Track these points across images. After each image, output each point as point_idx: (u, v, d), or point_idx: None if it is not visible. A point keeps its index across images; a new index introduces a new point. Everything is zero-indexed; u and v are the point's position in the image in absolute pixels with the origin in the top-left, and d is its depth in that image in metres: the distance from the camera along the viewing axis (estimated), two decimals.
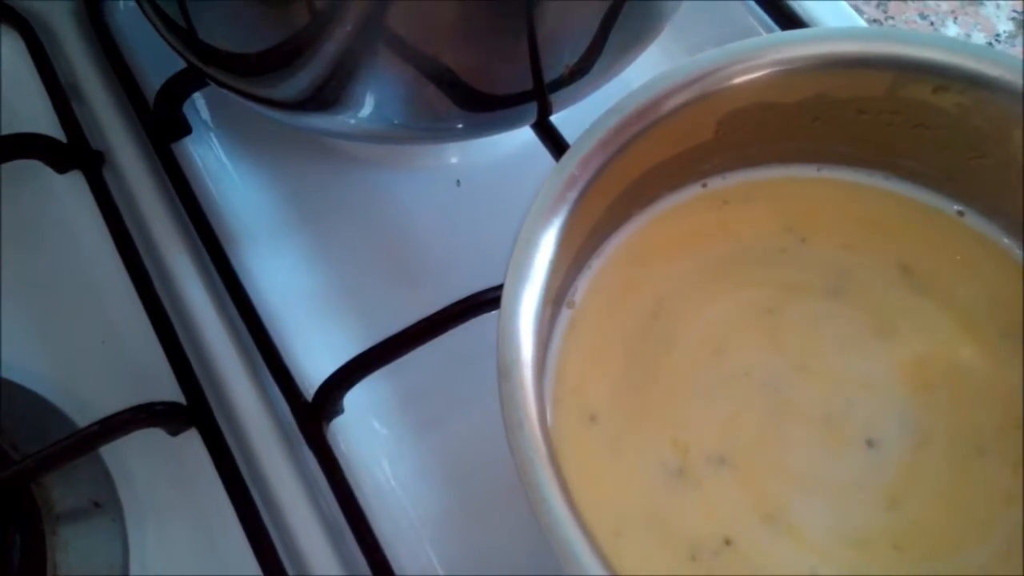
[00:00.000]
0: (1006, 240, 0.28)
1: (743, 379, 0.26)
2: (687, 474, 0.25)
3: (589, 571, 0.20)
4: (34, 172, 0.39)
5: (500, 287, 0.30)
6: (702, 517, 0.24)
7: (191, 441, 0.33)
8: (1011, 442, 0.25)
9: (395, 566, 0.30)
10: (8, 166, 0.38)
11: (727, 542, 0.24)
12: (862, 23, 0.41)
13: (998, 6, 0.44)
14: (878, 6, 0.44)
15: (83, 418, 0.33)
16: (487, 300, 0.32)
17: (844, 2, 0.41)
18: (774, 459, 0.25)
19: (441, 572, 0.32)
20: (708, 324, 0.27)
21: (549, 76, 0.31)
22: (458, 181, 0.39)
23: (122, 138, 0.39)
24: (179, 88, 0.38)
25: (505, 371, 0.21)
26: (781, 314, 0.28)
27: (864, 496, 0.25)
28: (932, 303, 0.28)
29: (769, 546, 0.24)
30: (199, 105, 0.41)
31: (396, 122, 0.32)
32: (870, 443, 0.25)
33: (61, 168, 0.39)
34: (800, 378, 0.26)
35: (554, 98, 0.32)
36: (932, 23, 0.44)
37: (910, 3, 0.44)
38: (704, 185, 0.29)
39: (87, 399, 0.34)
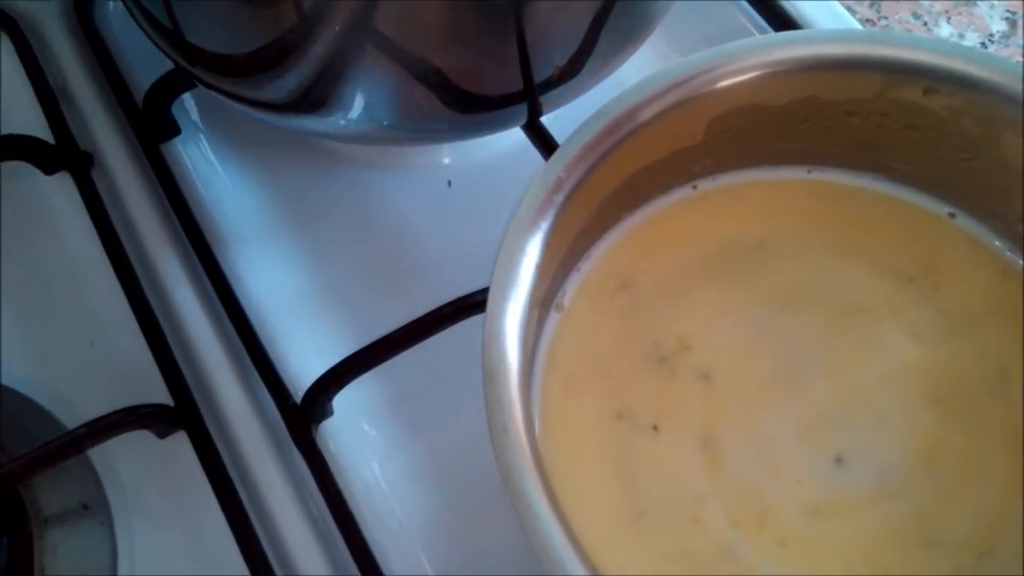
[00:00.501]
0: (997, 242, 0.28)
1: (731, 380, 0.26)
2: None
3: (573, 574, 0.20)
4: (22, 174, 0.38)
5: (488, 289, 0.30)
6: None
7: (179, 443, 0.33)
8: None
9: (384, 568, 0.30)
10: None
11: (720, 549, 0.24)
12: (855, 23, 0.41)
13: (991, 6, 0.44)
14: (871, 6, 0.44)
15: (71, 420, 0.33)
16: (478, 302, 0.32)
17: (836, 2, 0.41)
18: (755, 457, 0.25)
19: (431, 574, 0.32)
20: (698, 326, 0.27)
21: (539, 77, 0.31)
22: (449, 182, 0.39)
23: (111, 139, 0.39)
24: (168, 89, 0.38)
25: (490, 376, 0.21)
26: (771, 316, 0.27)
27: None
28: (922, 304, 0.27)
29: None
30: (188, 106, 0.41)
31: (386, 123, 0.32)
32: (839, 460, 0.25)
33: (49, 169, 0.38)
34: (785, 381, 0.26)
35: (544, 99, 0.32)
36: (925, 23, 0.44)
37: (903, 3, 0.44)
38: (694, 187, 0.29)
39: (75, 401, 0.34)
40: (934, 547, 0.24)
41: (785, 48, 0.26)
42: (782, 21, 0.39)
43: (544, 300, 0.26)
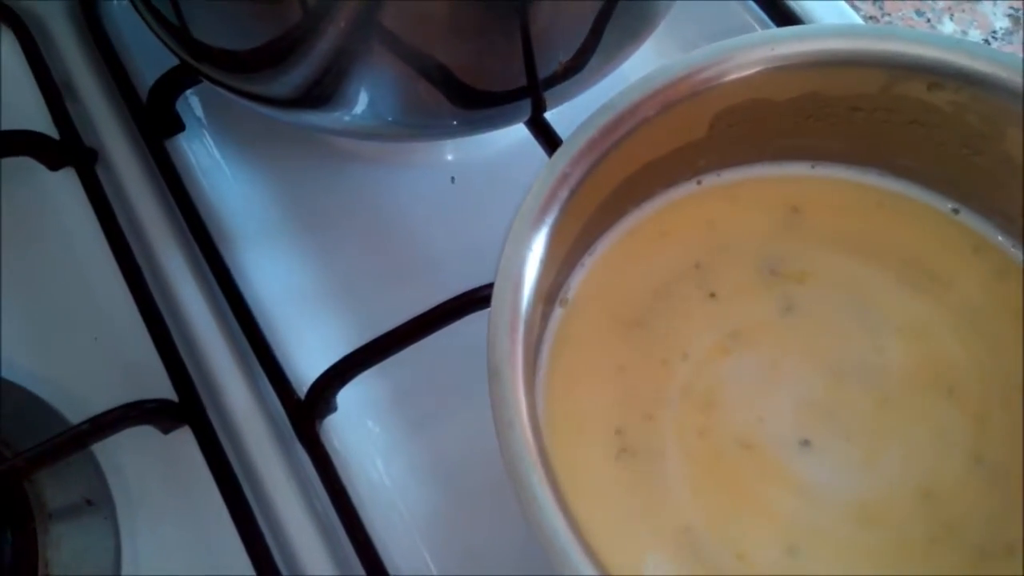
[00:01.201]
0: (1000, 238, 0.28)
1: (733, 375, 0.26)
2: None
3: (579, 571, 0.20)
4: (27, 169, 0.38)
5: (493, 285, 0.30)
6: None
7: (183, 439, 0.33)
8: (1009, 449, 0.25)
9: (388, 564, 0.30)
10: (1, 163, 0.37)
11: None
12: (858, 20, 0.41)
13: (995, 3, 0.44)
14: (874, 3, 0.44)
15: (75, 415, 0.33)
16: (481, 297, 0.32)
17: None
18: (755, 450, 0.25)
19: (434, 570, 0.32)
20: (703, 321, 0.27)
21: (543, 73, 0.31)
22: (452, 178, 0.39)
23: (115, 135, 0.39)
24: (172, 85, 0.38)
25: (495, 371, 0.21)
26: (774, 313, 0.27)
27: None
28: (926, 300, 0.27)
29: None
30: (192, 102, 0.41)
31: (390, 119, 0.32)
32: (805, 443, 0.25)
33: (54, 165, 0.39)
34: (786, 375, 0.26)
35: (548, 95, 0.32)
36: (928, 20, 0.44)
37: (907, 0, 0.44)
38: (699, 182, 0.29)
39: (79, 396, 0.34)
40: (943, 541, 0.24)
41: (789, 43, 0.26)
42: (786, 18, 0.39)
43: (549, 295, 0.26)
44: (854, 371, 0.26)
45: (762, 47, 0.26)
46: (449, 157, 0.40)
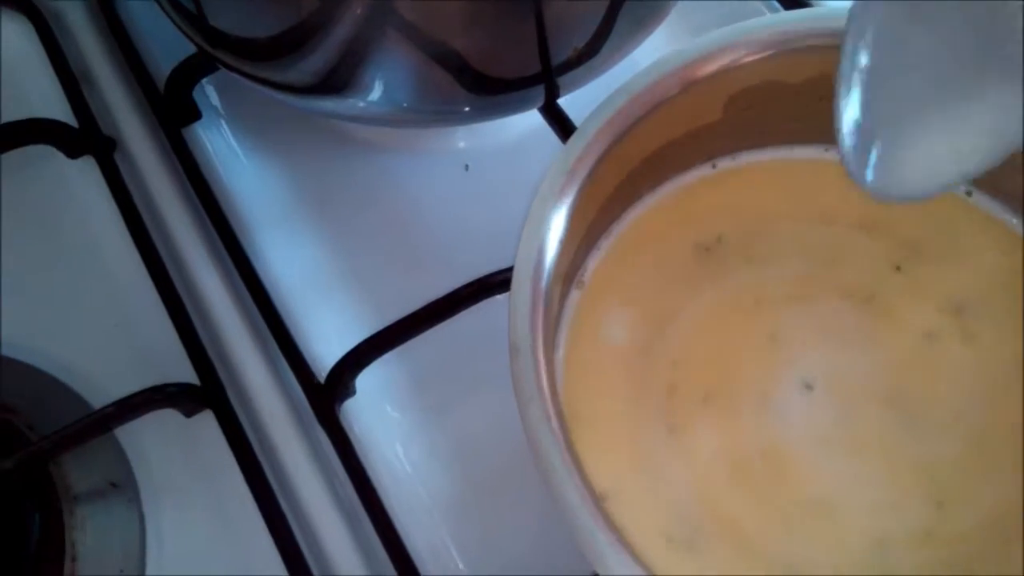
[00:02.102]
0: (1014, 220, 0.28)
1: (745, 349, 0.27)
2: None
3: (601, 544, 0.20)
4: (46, 157, 0.39)
5: (508, 270, 0.31)
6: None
7: (205, 422, 0.33)
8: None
9: (408, 544, 0.31)
10: (21, 151, 0.38)
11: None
12: None
13: None
14: None
15: (98, 400, 0.34)
16: (496, 283, 0.33)
17: None
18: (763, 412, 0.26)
19: (454, 551, 0.32)
20: (715, 302, 0.28)
21: (557, 59, 0.31)
22: (466, 165, 0.40)
23: (133, 123, 0.39)
24: (189, 73, 0.39)
25: (516, 347, 0.22)
26: (787, 298, 0.28)
27: None
28: (941, 282, 0.28)
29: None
30: (208, 91, 0.41)
31: (405, 105, 0.32)
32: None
33: (73, 153, 0.39)
34: (799, 360, 0.27)
35: (562, 81, 0.33)
36: None
37: None
38: (713, 165, 0.29)
39: (102, 381, 0.35)
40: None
41: (801, 25, 0.26)
42: (796, 4, 0.39)
43: (566, 276, 0.26)
44: (857, 342, 0.27)
45: (776, 29, 0.26)
46: (463, 144, 0.40)
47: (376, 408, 0.35)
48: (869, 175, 0.22)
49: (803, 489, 0.25)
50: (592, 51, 0.31)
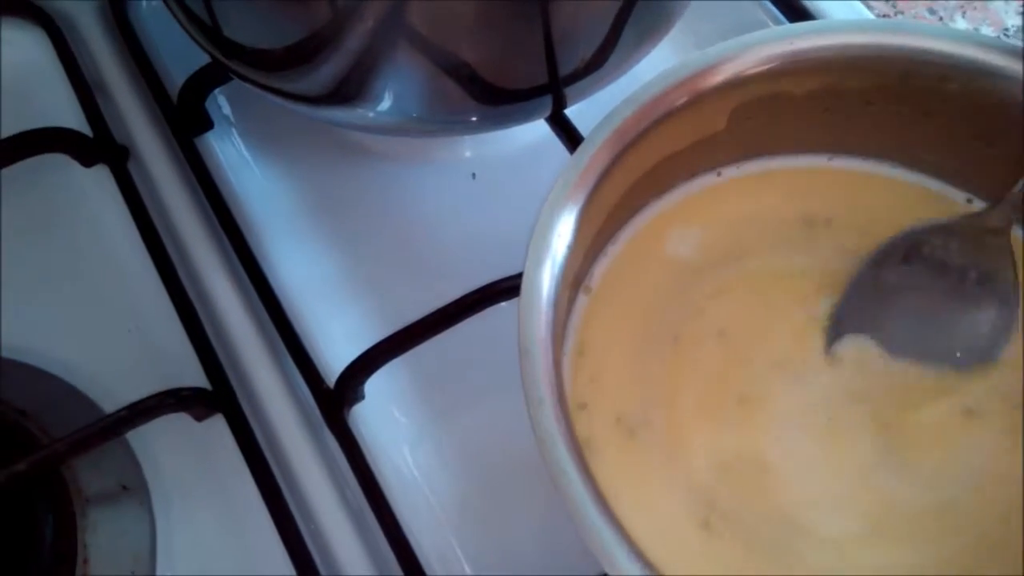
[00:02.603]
0: (1013, 227, 0.29)
1: (749, 358, 0.27)
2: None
3: (609, 543, 0.21)
4: (61, 166, 0.39)
5: (514, 277, 0.31)
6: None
7: (216, 426, 0.34)
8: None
9: (416, 547, 0.31)
10: (36, 160, 0.38)
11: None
12: (872, 18, 0.42)
13: (1007, 1, 0.44)
14: (888, 2, 0.45)
15: (110, 405, 0.34)
16: (503, 289, 0.33)
17: None
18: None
19: (461, 554, 0.33)
20: (721, 309, 0.28)
21: (564, 70, 0.31)
22: (473, 174, 0.40)
23: (146, 133, 0.40)
24: (202, 83, 0.39)
25: (526, 349, 0.22)
26: (791, 301, 0.28)
27: None
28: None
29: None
30: (220, 101, 0.42)
31: (414, 115, 0.33)
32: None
33: (87, 162, 0.40)
34: (806, 354, 0.27)
35: (569, 91, 0.33)
36: (941, 18, 0.44)
37: None
38: (719, 174, 0.30)
39: (114, 386, 0.35)
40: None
41: (807, 38, 0.27)
42: (801, 16, 0.40)
43: (574, 282, 0.26)
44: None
45: (781, 42, 0.27)
46: (469, 154, 0.41)
47: (384, 413, 0.35)
48: None
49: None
50: (599, 62, 0.32)
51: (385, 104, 0.32)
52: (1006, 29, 0.44)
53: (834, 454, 0.26)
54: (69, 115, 0.40)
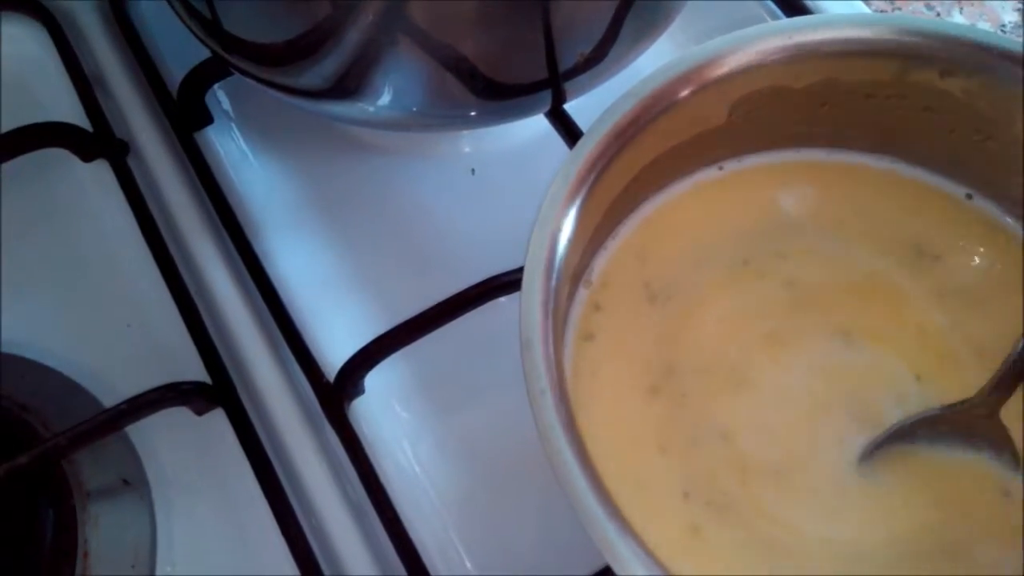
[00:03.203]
0: (1011, 221, 0.29)
1: (752, 348, 0.27)
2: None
3: (610, 534, 0.21)
4: (61, 160, 0.39)
5: (515, 271, 0.31)
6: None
7: (216, 420, 0.34)
8: None
9: (416, 540, 0.31)
10: (36, 155, 0.38)
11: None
12: (870, 12, 0.42)
13: None
14: None
15: (110, 399, 0.34)
16: (503, 284, 0.33)
17: None
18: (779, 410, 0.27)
19: (460, 547, 0.33)
20: (721, 303, 0.28)
21: (564, 65, 0.32)
22: (473, 169, 0.40)
23: (146, 127, 0.40)
24: (201, 78, 0.39)
25: (527, 342, 0.22)
26: (794, 292, 0.28)
27: None
28: (943, 281, 0.28)
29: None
30: (220, 96, 0.42)
31: (414, 109, 0.33)
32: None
33: (87, 157, 0.40)
34: (807, 344, 0.27)
35: (568, 86, 0.33)
36: (938, 13, 0.44)
37: None
38: (720, 168, 0.30)
39: (114, 380, 0.35)
40: None
41: (807, 32, 0.27)
42: (799, 12, 0.40)
43: (574, 275, 0.27)
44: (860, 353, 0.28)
45: (780, 35, 0.27)
46: (469, 149, 0.41)
47: (385, 407, 0.35)
48: None
49: None
50: (598, 57, 0.32)
51: (385, 99, 0.32)
52: (1003, 25, 0.44)
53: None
54: (69, 110, 0.40)
